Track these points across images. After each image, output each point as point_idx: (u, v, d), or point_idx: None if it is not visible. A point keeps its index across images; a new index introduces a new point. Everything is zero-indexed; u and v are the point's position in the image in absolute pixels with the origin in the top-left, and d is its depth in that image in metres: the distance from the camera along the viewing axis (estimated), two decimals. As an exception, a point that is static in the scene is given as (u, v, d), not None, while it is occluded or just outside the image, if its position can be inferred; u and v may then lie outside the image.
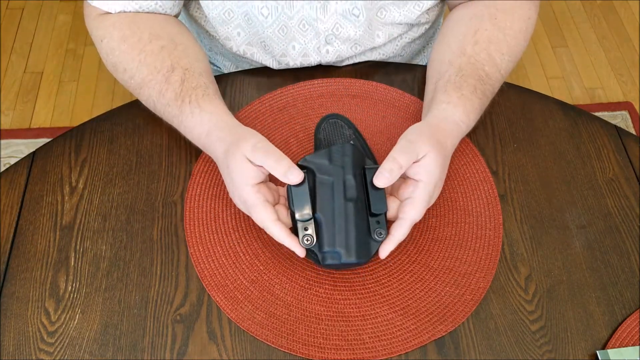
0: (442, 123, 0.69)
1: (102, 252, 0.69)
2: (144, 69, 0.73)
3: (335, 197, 0.64)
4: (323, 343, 0.63)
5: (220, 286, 0.66)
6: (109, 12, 0.77)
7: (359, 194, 0.64)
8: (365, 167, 0.66)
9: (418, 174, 0.64)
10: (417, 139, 0.65)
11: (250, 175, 0.64)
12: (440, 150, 0.65)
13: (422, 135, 0.65)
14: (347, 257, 0.63)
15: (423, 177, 0.63)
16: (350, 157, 0.65)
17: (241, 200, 0.65)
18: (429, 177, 0.64)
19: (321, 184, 0.65)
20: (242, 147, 0.64)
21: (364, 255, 0.63)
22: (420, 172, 0.64)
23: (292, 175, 0.63)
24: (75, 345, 0.63)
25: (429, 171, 0.64)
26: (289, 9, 0.78)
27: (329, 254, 0.63)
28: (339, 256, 0.63)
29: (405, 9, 0.81)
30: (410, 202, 0.64)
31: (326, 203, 0.64)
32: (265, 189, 0.64)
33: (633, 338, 0.64)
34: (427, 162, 0.64)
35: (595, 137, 0.80)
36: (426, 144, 0.64)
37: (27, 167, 0.76)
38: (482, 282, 0.67)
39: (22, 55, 1.90)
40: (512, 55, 0.77)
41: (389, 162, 0.62)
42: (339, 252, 0.63)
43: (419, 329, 0.64)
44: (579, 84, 1.88)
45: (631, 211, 0.73)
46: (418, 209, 0.63)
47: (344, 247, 0.63)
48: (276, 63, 0.85)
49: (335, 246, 0.63)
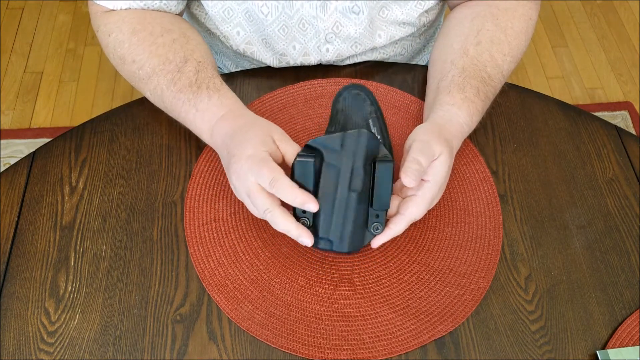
0: (447, 124, 0.69)
1: (102, 252, 0.69)
2: (154, 60, 0.73)
3: (339, 186, 0.63)
4: (323, 343, 0.63)
5: (220, 286, 0.66)
6: (115, 9, 0.77)
7: (364, 186, 0.64)
8: (377, 159, 0.63)
9: (426, 174, 0.64)
10: (432, 139, 0.65)
11: (263, 150, 0.63)
12: (450, 151, 0.66)
13: (434, 135, 0.65)
14: (339, 247, 0.64)
15: (430, 177, 0.64)
16: (364, 147, 0.63)
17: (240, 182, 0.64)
18: (436, 178, 0.64)
19: (327, 169, 0.63)
20: (271, 129, 0.66)
21: (356, 247, 0.65)
22: (429, 172, 0.64)
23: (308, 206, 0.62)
24: (75, 346, 0.63)
25: (437, 172, 0.64)
26: (288, 8, 0.78)
27: (322, 240, 0.64)
28: (330, 245, 0.64)
29: (406, 7, 0.81)
30: (413, 200, 0.64)
31: (329, 190, 0.63)
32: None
33: (633, 338, 0.64)
34: (438, 163, 0.64)
35: (595, 137, 0.80)
36: (439, 144, 0.64)
37: (27, 167, 0.76)
38: (482, 282, 0.67)
39: (22, 55, 1.90)
40: (513, 56, 0.77)
41: (413, 163, 0.62)
42: (332, 241, 0.64)
43: (419, 329, 0.64)
44: (579, 84, 1.88)
45: (631, 211, 0.73)
46: (420, 208, 0.64)
47: (337, 238, 0.64)
48: (277, 61, 0.85)
49: (330, 235, 0.64)
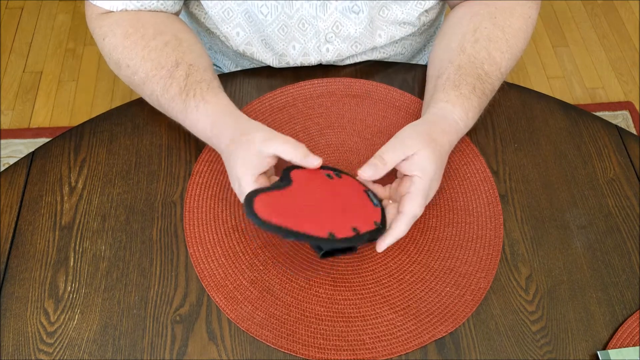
0: (439, 121, 0.69)
1: (101, 252, 0.69)
2: (147, 65, 0.73)
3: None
4: (323, 344, 0.62)
5: (219, 286, 0.66)
6: (110, 10, 0.77)
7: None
8: None
9: (411, 170, 0.65)
10: (408, 137, 0.66)
11: (254, 165, 0.64)
12: (434, 147, 0.66)
13: (414, 133, 0.67)
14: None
15: (417, 172, 0.65)
16: None
17: (240, 189, 0.65)
18: (423, 173, 0.65)
19: None
20: (253, 136, 0.65)
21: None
22: (413, 168, 0.65)
23: (312, 158, 0.64)
24: (74, 346, 0.63)
25: (422, 167, 0.65)
26: (288, 8, 0.78)
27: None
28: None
29: (406, 7, 0.81)
30: (407, 197, 0.65)
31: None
32: (264, 181, 0.65)
33: (634, 338, 0.64)
34: (419, 159, 0.65)
35: (596, 137, 0.80)
36: (417, 142, 0.65)
37: (27, 167, 0.76)
38: (482, 283, 0.67)
39: (21, 54, 1.90)
40: (512, 54, 0.77)
41: (375, 158, 0.65)
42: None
43: (419, 329, 0.63)
44: (579, 84, 1.87)
45: (632, 211, 0.73)
46: (416, 202, 0.64)
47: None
48: (276, 61, 0.85)
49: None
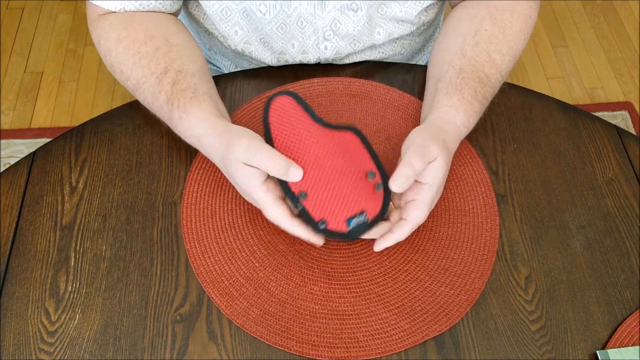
0: (445, 126, 0.69)
1: (102, 252, 0.69)
2: (138, 71, 0.73)
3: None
4: (317, 341, 0.63)
5: (215, 282, 0.66)
6: (109, 10, 0.77)
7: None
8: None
9: (424, 177, 0.63)
10: (429, 142, 0.64)
11: (253, 177, 0.63)
12: (447, 152, 0.65)
13: (431, 137, 0.65)
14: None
15: (429, 179, 0.63)
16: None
17: (253, 201, 0.66)
18: (434, 180, 0.63)
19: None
20: (235, 153, 0.63)
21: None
22: (427, 174, 0.63)
23: (292, 174, 0.62)
24: (75, 345, 0.63)
25: (435, 174, 0.63)
26: (286, 6, 0.78)
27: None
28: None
29: (405, 5, 0.81)
30: (414, 204, 0.63)
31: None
32: (272, 185, 0.64)
33: (633, 338, 0.64)
34: (436, 165, 0.63)
35: (596, 137, 0.80)
36: (437, 147, 0.64)
37: (27, 167, 0.76)
38: (477, 283, 0.67)
39: (22, 55, 1.90)
40: (512, 55, 0.77)
41: (406, 168, 0.61)
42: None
43: (413, 328, 0.64)
44: (579, 84, 1.87)
45: (631, 211, 0.73)
46: (422, 211, 0.63)
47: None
48: (275, 60, 0.85)
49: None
